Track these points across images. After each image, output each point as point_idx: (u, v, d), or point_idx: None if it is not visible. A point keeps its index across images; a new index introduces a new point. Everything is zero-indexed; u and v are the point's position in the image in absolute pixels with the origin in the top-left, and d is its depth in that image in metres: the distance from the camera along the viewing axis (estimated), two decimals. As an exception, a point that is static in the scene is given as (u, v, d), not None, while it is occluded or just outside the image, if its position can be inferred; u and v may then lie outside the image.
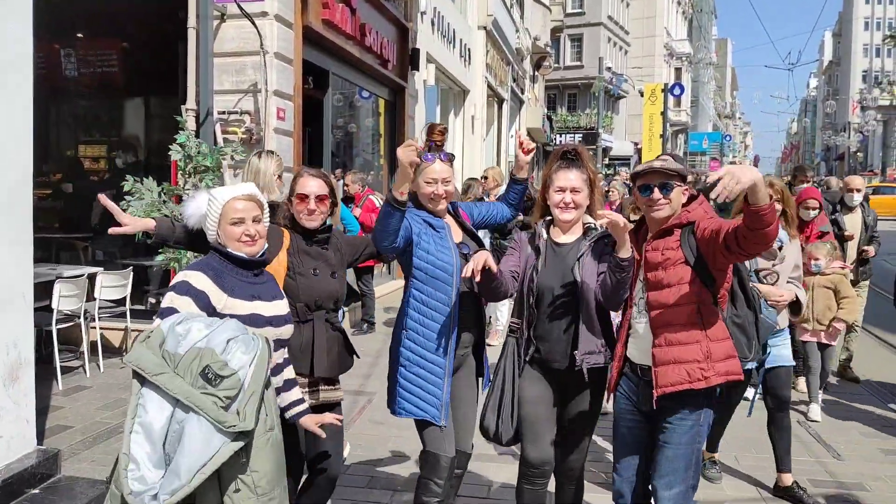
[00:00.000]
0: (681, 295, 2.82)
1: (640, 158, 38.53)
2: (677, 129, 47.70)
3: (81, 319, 6.58)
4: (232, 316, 2.52)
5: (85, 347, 6.70)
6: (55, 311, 6.20)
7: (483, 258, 2.83)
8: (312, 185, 3.19)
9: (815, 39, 72.45)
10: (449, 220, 3.36)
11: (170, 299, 2.53)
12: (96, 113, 9.02)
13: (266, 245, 2.73)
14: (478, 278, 2.87)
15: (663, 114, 30.44)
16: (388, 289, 10.83)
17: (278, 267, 3.08)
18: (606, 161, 37.81)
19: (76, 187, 8.70)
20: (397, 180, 2.97)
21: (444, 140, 3.38)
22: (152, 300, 7.72)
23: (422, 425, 3.23)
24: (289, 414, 2.83)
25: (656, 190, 2.87)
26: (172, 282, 2.63)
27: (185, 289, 2.53)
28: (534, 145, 3.40)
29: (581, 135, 38.87)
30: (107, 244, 8.18)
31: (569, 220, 3.17)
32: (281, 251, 3.13)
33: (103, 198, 3.13)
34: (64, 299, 6.29)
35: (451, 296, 3.15)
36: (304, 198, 3.17)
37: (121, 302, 7.03)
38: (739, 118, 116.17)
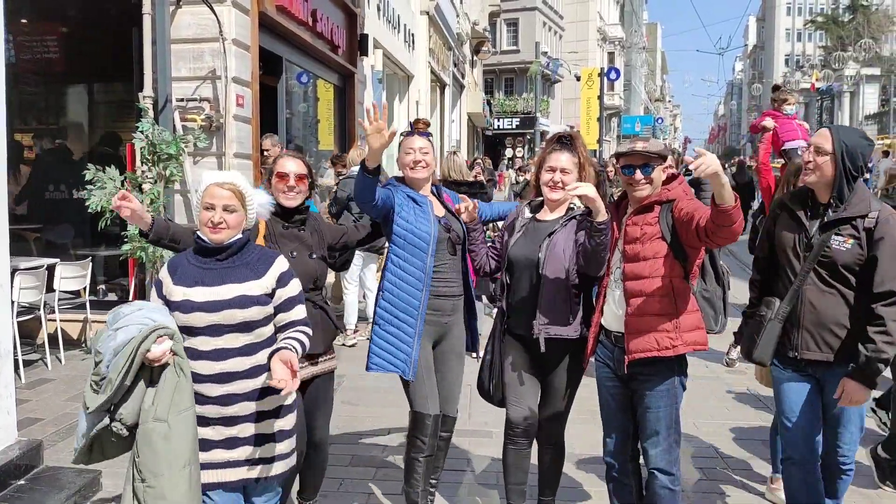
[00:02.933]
0: (655, 268, 3.04)
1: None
2: (611, 112, 48.47)
3: (41, 311, 6.47)
4: (170, 302, 2.67)
5: (45, 340, 6.59)
6: (15, 304, 6.09)
7: (472, 202, 3.35)
8: (291, 164, 3.35)
9: (741, 24, 75.23)
10: (432, 199, 3.60)
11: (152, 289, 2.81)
12: (36, 100, 8.78)
13: (237, 235, 2.73)
14: (464, 217, 3.37)
15: (600, 97, 30.97)
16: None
17: None
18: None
19: (19, 177, 8.45)
20: (368, 154, 3.20)
21: (426, 128, 3.64)
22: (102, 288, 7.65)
23: (406, 387, 3.50)
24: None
25: (638, 171, 3.07)
26: None
27: (156, 279, 2.78)
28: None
29: (519, 119, 39.28)
30: (59, 234, 8.01)
31: (556, 199, 3.38)
32: (258, 239, 3.22)
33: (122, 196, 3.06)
34: (23, 291, 6.19)
35: (425, 262, 3.42)
36: (283, 176, 3.32)
37: (78, 293, 6.94)
38: (669, 101, 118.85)
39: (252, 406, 2.69)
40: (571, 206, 3.44)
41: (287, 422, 2.80)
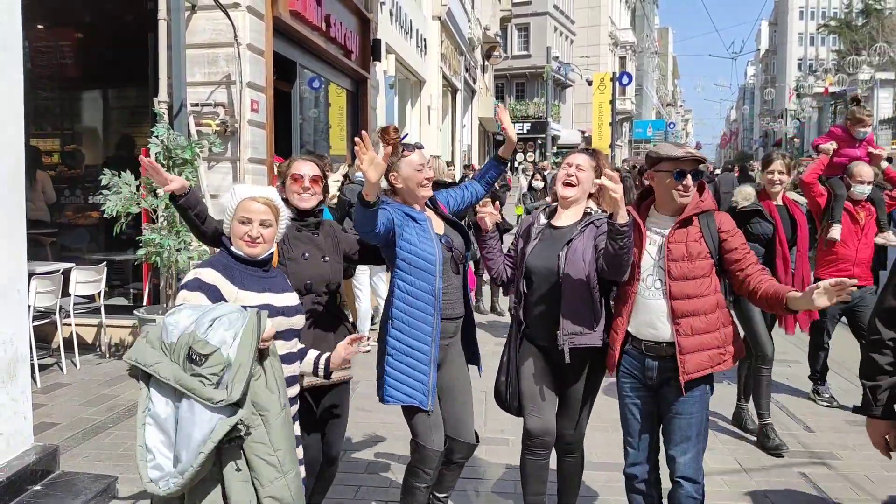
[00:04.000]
0: (704, 286, 3.02)
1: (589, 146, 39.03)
2: (622, 117, 48.41)
3: (57, 316, 6.49)
4: (245, 307, 2.55)
5: (60, 344, 6.61)
6: (31, 309, 6.10)
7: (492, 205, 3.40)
8: (306, 167, 3.33)
9: (753, 28, 74.97)
10: (429, 213, 3.44)
11: (182, 297, 2.60)
12: (52, 105, 8.81)
13: (271, 250, 2.77)
14: (487, 221, 3.35)
15: (611, 102, 30.92)
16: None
17: None
18: (555, 149, 38.27)
19: (35, 182, 8.48)
20: (366, 188, 2.96)
21: (398, 137, 3.36)
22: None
23: (410, 415, 3.32)
24: (321, 369, 2.93)
25: (689, 176, 3.01)
26: (183, 280, 2.69)
27: (197, 285, 2.60)
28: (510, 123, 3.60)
29: (530, 124, 39.24)
30: (75, 239, 8.05)
31: (568, 196, 3.35)
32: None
33: (146, 160, 3.13)
34: (39, 296, 6.20)
35: (434, 285, 3.22)
36: (298, 178, 3.29)
37: (93, 298, 6.96)
38: (681, 106, 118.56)
39: (294, 409, 2.83)
40: (588, 209, 3.39)
41: (297, 427, 2.86)
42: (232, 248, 2.71)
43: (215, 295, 2.58)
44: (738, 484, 4.41)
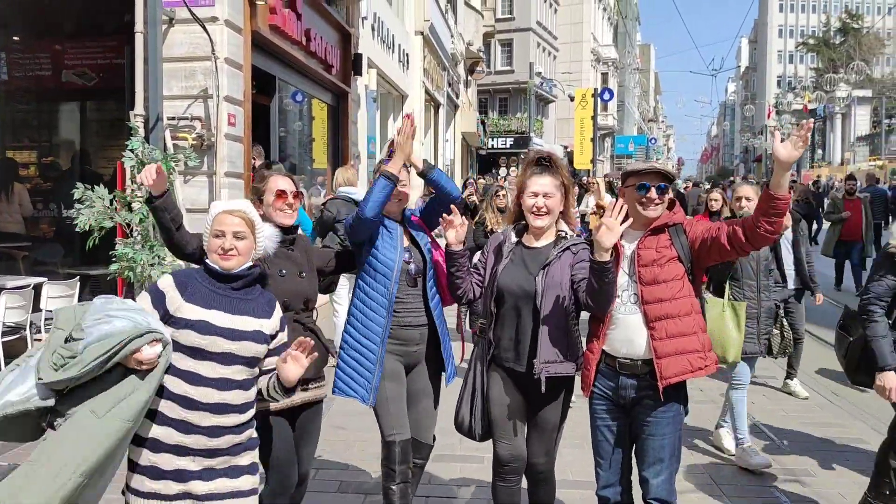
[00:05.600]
0: (676, 289, 3.00)
1: (570, 161, 39.26)
2: (604, 132, 48.69)
3: (27, 331, 6.39)
4: (181, 319, 2.58)
5: (31, 360, 6.49)
6: (0, 324, 6.01)
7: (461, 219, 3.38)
8: (286, 183, 3.32)
9: (733, 46, 75.98)
10: (400, 228, 3.57)
11: (140, 296, 2.68)
12: (28, 118, 8.74)
13: (248, 263, 2.73)
14: (449, 235, 3.34)
15: (593, 118, 31.07)
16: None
17: None
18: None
19: (10, 195, 8.39)
20: (395, 160, 3.38)
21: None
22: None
23: (376, 412, 3.47)
24: (273, 389, 2.77)
25: (653, 189, 3.01)
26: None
27: (152, 288, 2.67)
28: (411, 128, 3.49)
29: (513, 138, 39.38)
30: (48, 253, 7.95)
31: (541, 226, 3.27)
32: None
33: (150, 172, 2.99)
34: (9, 311, 6.11)
35: (389, 289, 3.41)
36: (282, 193, 3.26)
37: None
38: (663, 121, 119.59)
39: (236, 439, 2.64)
40: (561, 233, 3.34)
41: (255, 455, 2.76)
42: (207, 262, 2.70)
43: (160, 300, 2.61)
44: (712, 502, 4.39)
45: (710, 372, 3.07)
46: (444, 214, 3.41)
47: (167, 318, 2.58)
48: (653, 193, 3.01)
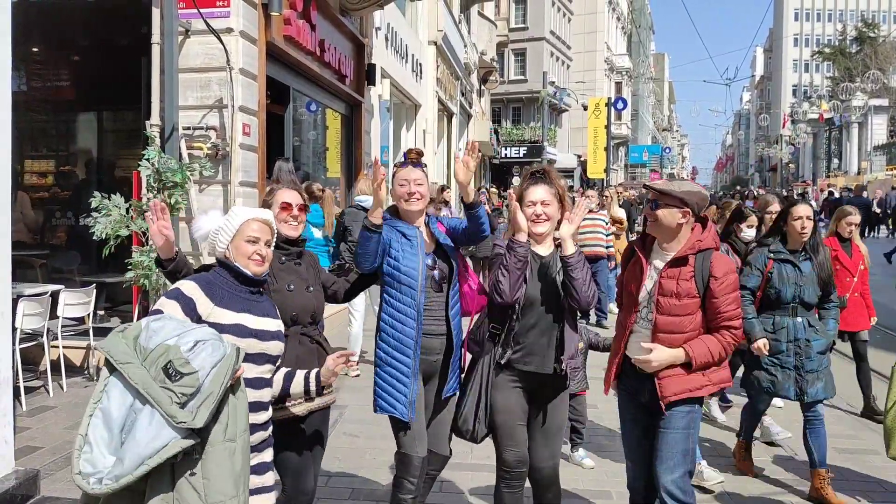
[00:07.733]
0: (685, 323, 3.13)
1: (584, 170, 39.24)
2: (618, 141, 48.64)
3: (44, 338, 6.47)
4: (216, 324, 2.59)
5: (47, 367, 6.57)
6: (17, 331, 6.08)
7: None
8: (291, 195, 3.36)
9: (747, 55, 75.83)
10: (424, 230, 3.53)
11: (160, 303, 2.64)
12: (46, 128, 8.85)
13: (268, 269, 2.85)
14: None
15: (607, 127, 31.09)
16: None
17: None
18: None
19: (28, 204, 8.49)
20: (371, 208, 3.35)
21: (419, 158, 3.54)
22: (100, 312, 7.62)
23: (394, 425, 3.44)
24: (312, 383, 2.94)
25: (649, 205, 3.20)
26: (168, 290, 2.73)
27: (175, 294, 2.64)
28: (473, 160, 3.43)
29: (526, 148, 39.43)
30: (65, 261, 8.04)
31: (541, 232, 3.39)
32: None
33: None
34: (26, 318, 6.18)
35: (416, 300, 3.36)
36: (287, 206, 3.31)
37: (82, 320, 6.93)
38: (677, 131, 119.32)
39: (263, 435, 2.77)
40: (559, 241, 3.41)
41: (271, 452, 2.86)
42: (237, 266, 2.75)
43: (190, 306, 2.60)
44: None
45: (711, 392, 3.18)
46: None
47: (199, 324, 2.59)
48: (649, 209, 3.20)
